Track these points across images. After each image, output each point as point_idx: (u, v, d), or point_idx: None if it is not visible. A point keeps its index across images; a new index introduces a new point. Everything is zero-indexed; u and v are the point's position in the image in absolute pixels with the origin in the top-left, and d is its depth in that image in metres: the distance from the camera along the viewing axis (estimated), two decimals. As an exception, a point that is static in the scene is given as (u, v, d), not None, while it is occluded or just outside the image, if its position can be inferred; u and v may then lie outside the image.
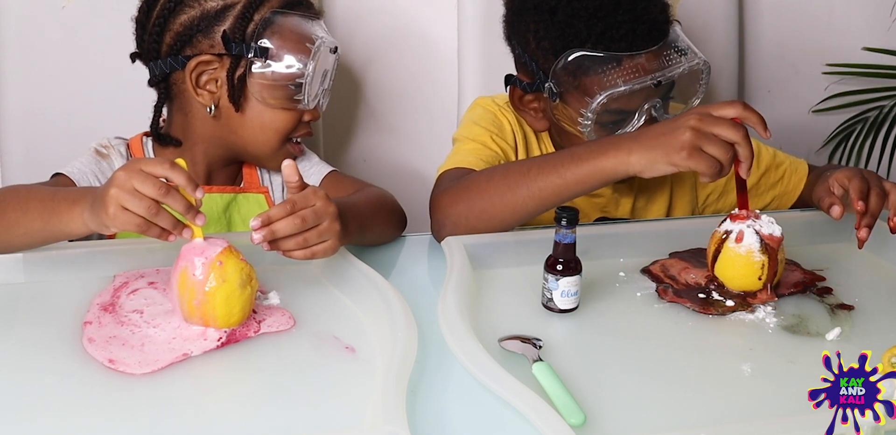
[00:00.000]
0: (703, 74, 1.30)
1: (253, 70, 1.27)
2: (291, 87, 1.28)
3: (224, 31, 1.25)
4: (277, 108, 1.30)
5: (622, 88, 1.24)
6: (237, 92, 1.28)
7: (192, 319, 1.00)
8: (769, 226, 1.09)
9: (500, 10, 1.39)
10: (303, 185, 1.06)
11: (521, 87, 1.35)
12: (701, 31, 1.79)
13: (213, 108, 1.29)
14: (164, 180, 0.97)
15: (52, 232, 1.07)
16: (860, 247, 1.17)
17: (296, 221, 1.02)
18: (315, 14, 1.33)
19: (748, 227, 1.09)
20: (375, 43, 1.82)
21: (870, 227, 1.16)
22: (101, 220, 0.99)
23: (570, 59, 1.26)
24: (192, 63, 1.27)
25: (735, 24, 1.89)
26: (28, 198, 1.09)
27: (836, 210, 1.19)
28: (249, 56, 1.26)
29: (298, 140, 1.38)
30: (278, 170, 1.39)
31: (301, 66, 1.27)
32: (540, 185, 1.16)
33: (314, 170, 1.41)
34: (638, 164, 1.11)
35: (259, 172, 1.41)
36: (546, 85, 1.29)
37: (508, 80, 1.38)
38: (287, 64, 1.27)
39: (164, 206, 0.97)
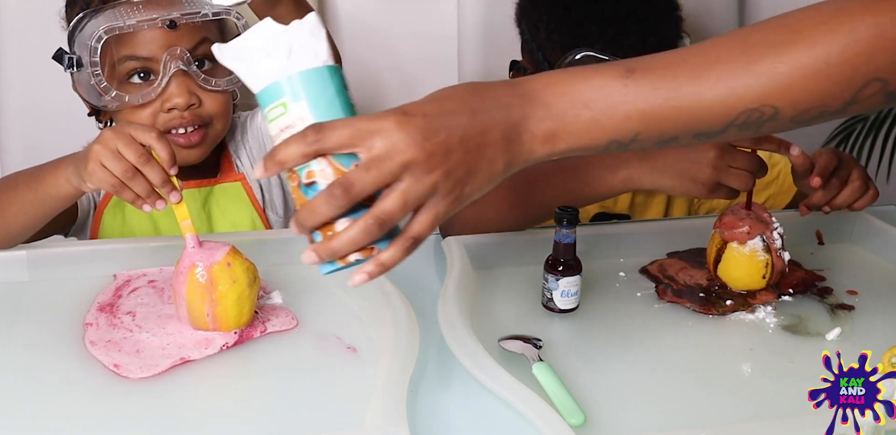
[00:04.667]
0: None
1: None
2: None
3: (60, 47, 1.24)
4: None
5: None
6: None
7: (200, 323, 0.99)
8: (782, 252, 1.10)
9: (500, 10, 1.40)
10: None
11: (525, 75, 1.36)
12: (701, 32, 1.78)
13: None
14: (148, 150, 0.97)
15: (42, 200, 1.07)
16: (802, 214, 1.22)
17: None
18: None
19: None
20: (376, 42, 1.82)
21: (816, 207, 1.21)
22: (80, 174, 0.99)
23: (577, 57, 1.27)
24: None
25: (735, 24, 1.89)
26: (15, 177, 1.12)
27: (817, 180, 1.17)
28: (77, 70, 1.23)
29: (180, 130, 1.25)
30: None
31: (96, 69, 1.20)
32: (549, 195, 1.19)
33: None
34: (650, 185, 1.16)
35: (233, 159, 1.38)
36: None
37: (514, 65, 1.40)
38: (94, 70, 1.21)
39: None
